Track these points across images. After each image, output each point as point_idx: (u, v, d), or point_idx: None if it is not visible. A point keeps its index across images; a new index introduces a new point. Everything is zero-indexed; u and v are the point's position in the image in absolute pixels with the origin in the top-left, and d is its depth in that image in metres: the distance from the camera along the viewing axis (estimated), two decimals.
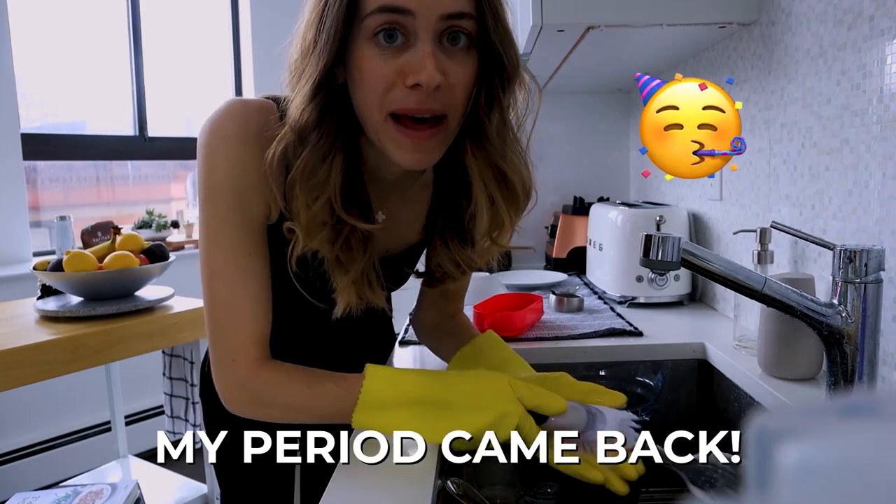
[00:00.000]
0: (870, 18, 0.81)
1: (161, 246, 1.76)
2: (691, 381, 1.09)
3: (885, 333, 0.79)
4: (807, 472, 0.15)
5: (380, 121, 0.64)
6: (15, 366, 1.34)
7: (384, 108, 0.63)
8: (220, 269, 0.70)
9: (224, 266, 0.70)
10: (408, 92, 0.62)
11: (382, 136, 0.65)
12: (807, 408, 0.18)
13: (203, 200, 0.70)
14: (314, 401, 0.70)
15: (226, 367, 0.71)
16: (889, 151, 0.78)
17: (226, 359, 0.71)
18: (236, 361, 0.70)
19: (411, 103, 0.62)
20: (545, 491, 0.88)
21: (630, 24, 1.14)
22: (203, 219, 0.71)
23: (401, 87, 0.62)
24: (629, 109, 2.00)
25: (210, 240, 0.70)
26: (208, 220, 0.70)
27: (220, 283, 0.70)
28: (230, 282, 0.70)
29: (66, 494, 1.56)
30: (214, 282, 0.70)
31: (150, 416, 2.78)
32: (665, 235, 0.74)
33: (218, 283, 0.70)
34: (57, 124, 3.02)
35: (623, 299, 1.38)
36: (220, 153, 0.69)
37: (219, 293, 0.70)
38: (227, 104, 0.70)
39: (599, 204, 1.61)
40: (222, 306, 0.70)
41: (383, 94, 0.62)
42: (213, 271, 0.70)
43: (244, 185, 0.69)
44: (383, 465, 0.66)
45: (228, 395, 0.72)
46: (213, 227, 0.70)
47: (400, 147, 0.65)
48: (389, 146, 0.65)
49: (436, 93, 0.62)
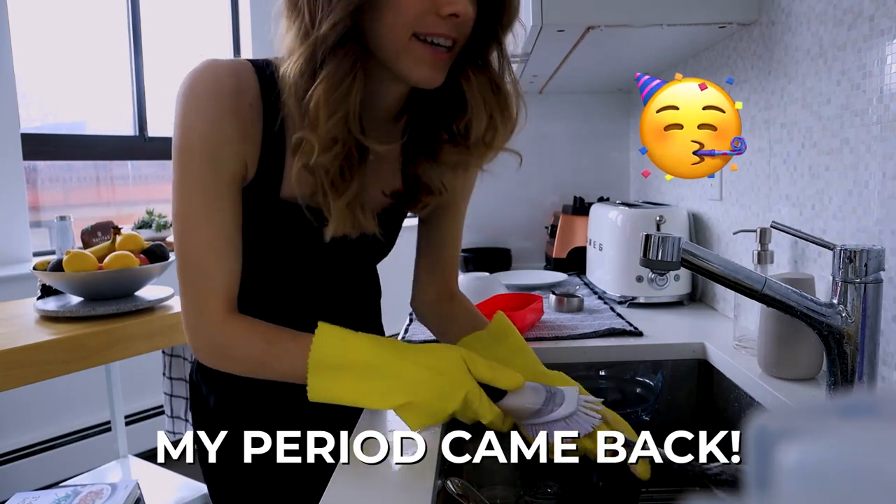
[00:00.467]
0: (870, 18, 0.81)
1: (161, 246, 1.76)
2: (691, 381, 1.09)
3: (885, 333, 0.79)
4: (807, 472, 0.15)
5: (404, 40, 0.68)
6: (15, 366, 1.34)
7: (411, 29, 0.67)
8: (190, 224, 0.72)
9: (195, 220, 0.72)
10: (440, 20, 0.67)
11: (404, 54, 0.68)
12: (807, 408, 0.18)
13: (177, 156, 0.72)
14: (272, 357, 0.72)
15: (194, 318, 0.74)
16: (889, 151, 0.78)
17: (194, 309, 0.74)
18: (203, 313, 0.73)
19: (442, 29, 0.68)
20: (545, 491, 0.88)
21: (630, 24, 1.14)
22: (176, 174, 0.72)
23: (432, 16, 0.67)
24: (629, 109, 2.00)
25: (182, 194, 0.72)
26: (181, 176, 0.72)
27: (190, 237, 0.73)
28: (200, 236, 0.72)
29: (66, 494, 1.56)
30: (185, 236, 0.73)
31: (150, 416, 2.78)
32: (665, 235, 0.74)
33: (188, 237, 0.73)
34: (57, 124, 3.02)
35: (623, 299, 1.38)
36: (194, 110, 0.71)
37: (189, 247, 0.73)
38: (201, 64, 0.72)
39: (599, 204, 1.61)
40: (192, 259, 0.73)
41: (414, 19, 0.67)
42: (184, 226, 0.73)
43: (218, 142, 0.71)
44: (383, 465, 0.66)
45: (195, 344, 0.75)
46: (185, 182, 0.72)
47: (419, 62, 0.69)
48: (409, 62, 0.69)
49: (458, 22, 0.67)
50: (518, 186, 2.04)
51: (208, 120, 0.71)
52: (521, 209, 2.04)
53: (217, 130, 0.71)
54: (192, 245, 0.73)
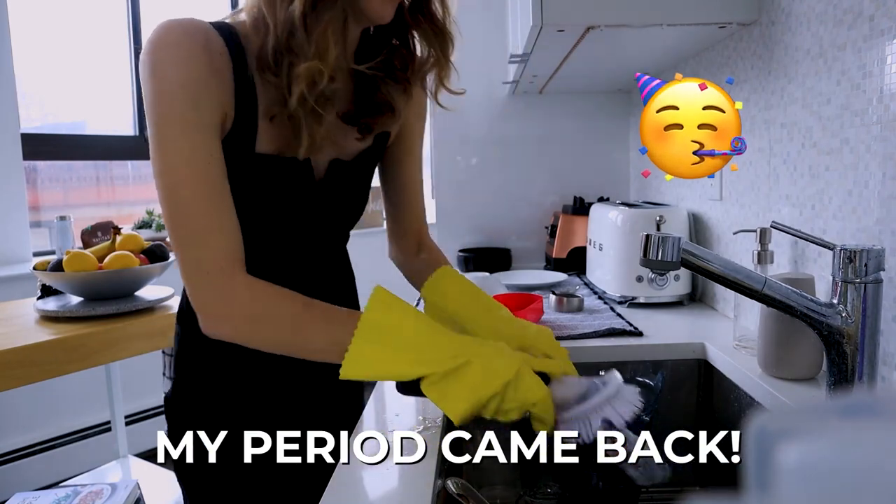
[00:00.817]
0: (870, 18, 0.81)
1: (161, 246, 1.76)
2: (691, 381, 1.09)
3: (885, 333, 0.79)
4: (807, 472, 0.15)
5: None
6: (15, 366, 1.34)
7: None
8: (183, 177, 0.68)
9: (188, 172, 0.68)
10: None
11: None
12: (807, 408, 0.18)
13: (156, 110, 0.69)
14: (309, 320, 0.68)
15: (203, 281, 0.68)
16: (889, 151, 0.78)
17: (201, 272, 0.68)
18: (213, 273, 0.68)
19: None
20: (545, 491, 0.88)
21: (630, 24, 1.14)
22: (157, 129, 0.69)
23: None
24: (629, 109, 2.00)
25: (168, 149, 0.69)
26: (164, 130, 0.69)
27: (186, 192, 0.68)
28: (197, 189, 0.69)
29: (66, 494, 1.56)
30: (179, 192, 0.68)
31: (150, 416, 2.78)
32: (665, 235, 0.74)
33: (184, 192, 0.68)
34: (57, 124, 3.02)
35: (623, 299, 1.38)
36: (168, 60, 0.69)
37: (186, 202, 0.68)
38: (163, 23, 0.71)
39: (599, 204, 1.61)
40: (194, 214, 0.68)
41: None
42: (177, 181, 0.68)
43: (197, 89, 0.70)
44: (383, 465, 0.66)
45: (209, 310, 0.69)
46: (170, 136, 0.68)
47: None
48: None
49: None
50: (518, 186, 2.04)
51: (185, 66, 0.69)
52: (521, 209, 2.04)
53: (196, 77, 0.69)
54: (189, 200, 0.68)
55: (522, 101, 2.00)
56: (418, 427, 0.76)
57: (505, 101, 2.00)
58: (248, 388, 0.86)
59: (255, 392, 0.86)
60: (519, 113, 2.01)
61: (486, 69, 1.97)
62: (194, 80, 0.70)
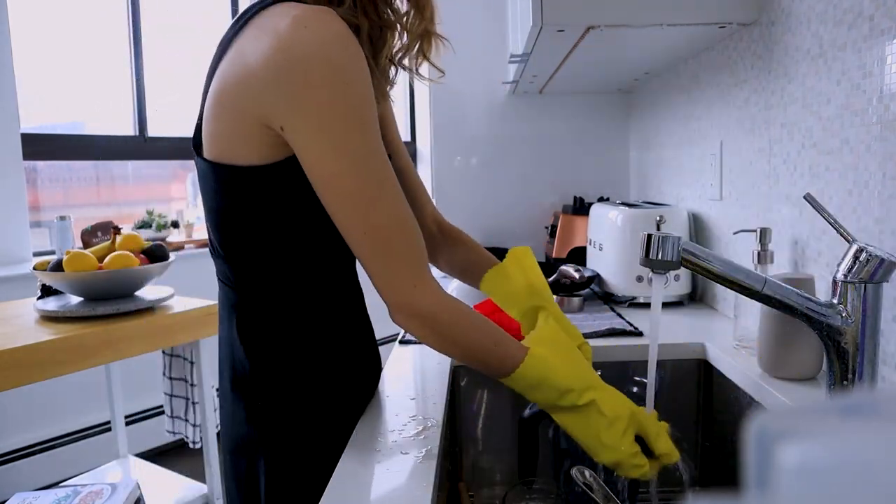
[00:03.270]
0: (870, 18, 0.81)
1: (161, 246, 1.76)
2: (691, 381, 1.09)
3: (885, 333, 0.79)
4: (807, 472, 0.15)
5: None
6: (15, 366, 1.34)
7: None
8: (387, 188, 0.68)
9: (386, 183, 0.69)
10: None
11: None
12: (807, 408, 0.18)
13: (348, 121, 0.65)
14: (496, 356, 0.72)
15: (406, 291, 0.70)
16: (889, 151, 0.78)
17: (406, 283, 0.70)
18: (418, 286, 0.70)
19: None
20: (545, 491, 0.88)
21: (630, 24, 1.14)
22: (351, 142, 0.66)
23: None
24: (629, 109, 2.00)
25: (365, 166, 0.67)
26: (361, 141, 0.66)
27: (388, 202, 0.68)
28: (395, 197, 0.69)
29: (66, 494, 1.56)
30: (383, 201, 0.68)
31: (150, 416, 2.78)
32: (665, 235, 0.74)
33: (386, 201, 0.68)
34: (57, 124, 3.02)
35: (623, 299, 1.38)
36: (347, 60, 0.65)
37: (391, 211, 0.69)
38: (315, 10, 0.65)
39: (599, 204, 1.61)
40: (397, 226, 0.69)
41: None
42: (379, 193, 0.68)
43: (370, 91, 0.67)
44: (383, 464, 0.66)
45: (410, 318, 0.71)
46: (366, 149, 0.67)
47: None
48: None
49: None
50: (518, 186, 2.04)
51: (364, 67, 0.66)
52: (521, 209, 2.04)
53: (370, 82, 0.67)
54: (392, 209, 0.69)
55: (522, 101, 2.00)
56: (418, 427, 0.76)
57: (505, 101, 2.00)
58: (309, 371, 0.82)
59: (314, 376, 0.82)
60: (519, 113, 2.01)
61: (486, 69, 1.97)
62: (368, 77, 0.67)
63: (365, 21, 0.71)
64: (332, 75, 0.63)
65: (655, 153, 1.75)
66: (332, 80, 0.63)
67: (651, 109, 1.78)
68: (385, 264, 0.69)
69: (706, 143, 1.36)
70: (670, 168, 1.62)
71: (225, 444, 0.85)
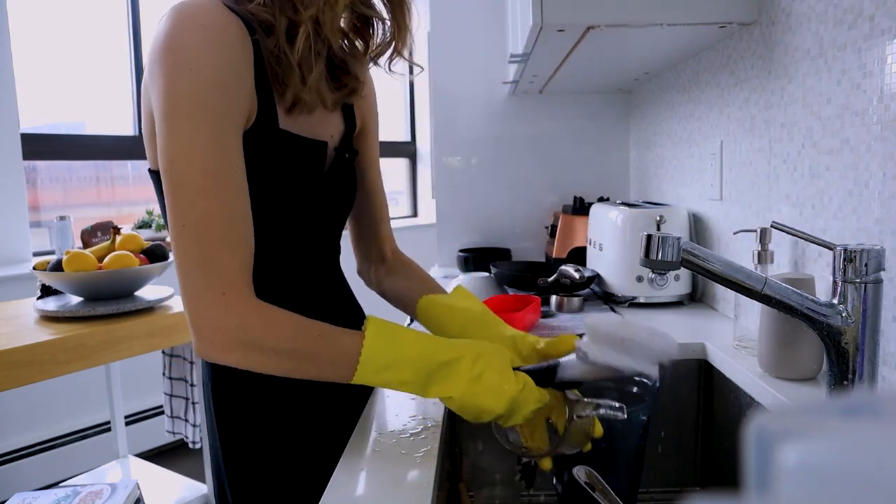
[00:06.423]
0: (870, 18, 0.81)
1: (161, 246, 1.76)
2: (691, 381, 1.09)
3: (885, 333, 0.79)
4: (807, 472, 0.15)
5: None
6: (15, 366, 1.34)
7: None
8: (210, 185, 0.62)
9: (215, 180, 0.62)
10: None
11: None
12: (807, 408, 0.18)
13: (186, 107, 0.62)
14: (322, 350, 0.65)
15: (213, 303, 0.62)
16: (889, 151, 0.78)
17: (213, 292, 0.62)
18: (227, 294, 0.62)
19: None
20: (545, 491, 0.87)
21: (630, 24, 1.13)
22: (187, 128, 0.62)
23: None
24: (629, 109, 2.00)
25: (198, 153, 0.62)
26: (197, 128, 0.62)
27: (212, 202, 0.62)
28: (223, 198, 0.62)
29: (66, 494, 1.56)
30: (206, 201, 0.62)
31: (150, 416, 2.78)
32: (665, 235, 0.74)
33: (210, 201, 0.62)
34: (56, 124, 3.02)
35: (623, 299, 1.38)
36: (201, 47, 0.62)
37: (210, 213, 0.62)
38: (185, 2, 0.64)
39: (599, 204, 1.61)
40: (215, 229, 0.62)
41: None
42: (204, 188, 0.62)
43: (233, 81, 0.64)
44: (384, 464, 0.66)
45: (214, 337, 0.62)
46: (202, 136, 0.62)
47: None
48: None
49: None
50: (518, 186, 2.04)
51: (222, 54, 0.63)
52: (521, 209, 2.04)
53: (232, 65, 0.64)
54: (217, 210, 0.62)
55: (522, 101, 2.00)
56: (418, 427, 0.76)
57: (505, 101, 2.00)
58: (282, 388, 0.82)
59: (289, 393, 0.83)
60: (519, 113, 2.01)
61: (486, 69, 1.97)
62: (229, 67, 0.64)
63: (283, 19, 0.70)
64: (177, 62, 0.62)
65: (655, 153, 1.75)
66: (176, 67, 0.62)
67: (651, 109, 1.78)
68: (199, 263, 0.62)
69: (706, 143, 1.36)
70: (670, 168, 1.62)
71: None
